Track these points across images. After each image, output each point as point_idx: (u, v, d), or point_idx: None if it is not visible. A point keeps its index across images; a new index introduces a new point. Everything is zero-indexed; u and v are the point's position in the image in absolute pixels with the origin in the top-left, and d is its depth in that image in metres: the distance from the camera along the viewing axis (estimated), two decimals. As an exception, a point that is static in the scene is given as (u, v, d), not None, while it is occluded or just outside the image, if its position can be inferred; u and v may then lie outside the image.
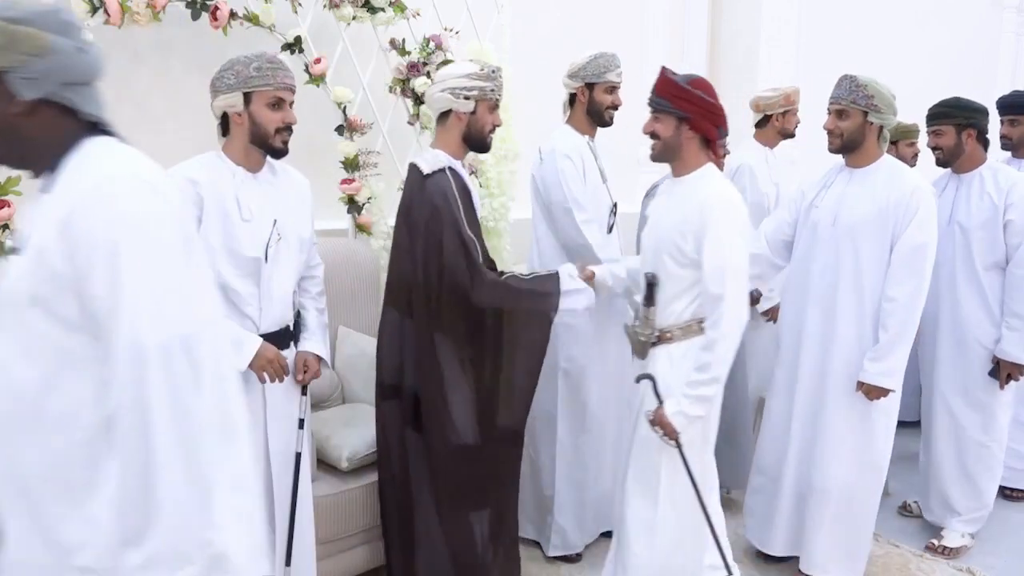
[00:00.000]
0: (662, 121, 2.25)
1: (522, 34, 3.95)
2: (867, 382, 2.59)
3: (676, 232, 2.22)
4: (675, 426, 2.19)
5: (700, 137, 2.25)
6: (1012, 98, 3.56)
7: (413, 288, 2.35)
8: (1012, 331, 3.00)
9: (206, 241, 2.00)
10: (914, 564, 3.08)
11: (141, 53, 3.05)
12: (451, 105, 2.36)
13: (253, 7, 3.01)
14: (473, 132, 2.41)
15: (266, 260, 2.09)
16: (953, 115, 3.05)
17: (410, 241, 2.36)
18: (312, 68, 3.18)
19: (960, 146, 3.08)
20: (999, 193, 3.02)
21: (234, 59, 2.08)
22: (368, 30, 3.38)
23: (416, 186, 2.36)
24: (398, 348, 2.41)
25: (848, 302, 2.63)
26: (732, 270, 2.16)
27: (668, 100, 2.22)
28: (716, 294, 2.16)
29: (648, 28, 4.96)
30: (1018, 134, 3.54)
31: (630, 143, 3.72)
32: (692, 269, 2.21)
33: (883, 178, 2.60)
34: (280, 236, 2.13)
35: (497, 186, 3.62)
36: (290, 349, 2.22)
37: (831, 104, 2.65)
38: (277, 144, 2.12)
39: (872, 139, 2.62)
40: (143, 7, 2.70)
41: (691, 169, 2.28)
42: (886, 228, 2.57)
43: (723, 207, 2.17)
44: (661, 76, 2.26)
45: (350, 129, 3.31)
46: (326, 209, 3.51)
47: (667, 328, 2.29)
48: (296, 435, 2.19)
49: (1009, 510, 3.55)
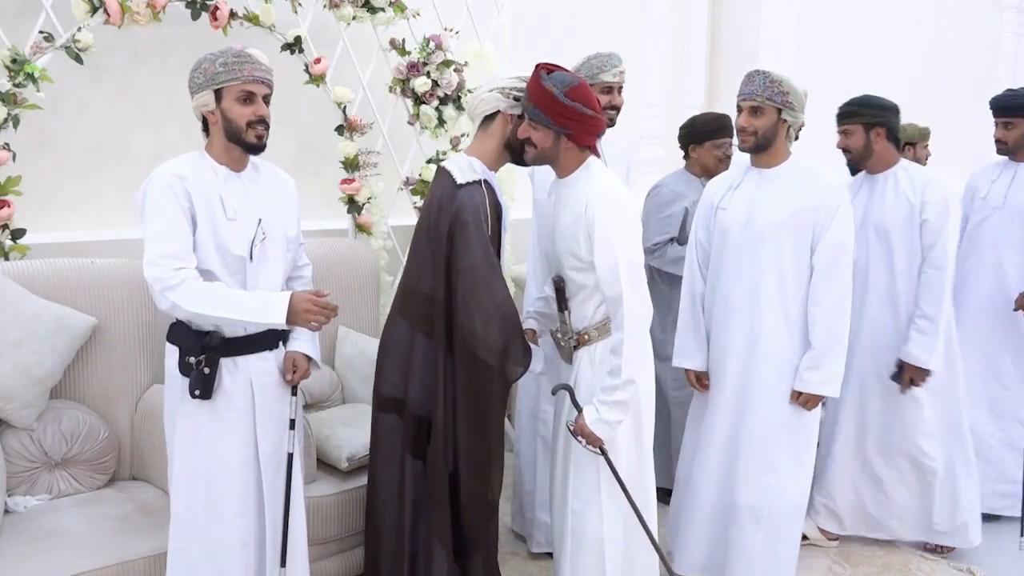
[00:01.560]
0: (539, 131, 2.13)
1: (522, 34, 3.95)
2: (805, 391, 2.49)
3: (569, 238, 2.15)
4: (598, 435, 2.12)
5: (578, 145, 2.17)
6: (1005, 99, 3.38)
7: (434, 305, 2.22)
8: (920, 333, 2.86)
9: (197, 237, 1.99)
10: (914, 564, 3.08)
11: (141, 53, 3.05)
12: (500, 105, 2.23)
13: (253, 7, 3.01)
14: (517, 138, 2.24)
15: (251, 259, 2.07)
16: (861, 114, 2.92)
17: (432, 254, 2.22)
18: (312, 68, 3.18)
19: (869, 146, 2.94)
20: (914, 192, 2.90)
21: (201, 58, 2.04)
22: (368, 30, 3.38)
23: (447, 195, 2.20)
24: (405, 363, 2.29)
25: (772, 310, 2.52)
26: (625, 265, 2.07)
27: (548, 116, 2.09)
28: (614, 295, 2.09)
29: (648, 28, 4.96)
30: (1014, 137, 3.35)
31: (630, 143, 3.72)
32: (591, 271, 2.13)
33: (798, 179, 2.51)
34: (265, 235, 2.10)
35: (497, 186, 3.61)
36: (279, 349, 2.20)
37: (744, 100, 2.50)
38: (251, 139, 2.04)
39: (782, 138, 2.52)
40: (143, 7, 2.70)
41: (570, 170, 2.19)
42: (806, 230, 2.47)
43: (604, 203, 2.08)
44: (536, 82, 2.10)
45: (350, 129, 3.31)
46: (326, 209, 3.51)
47: (583, 330, 2.23)
48: (287, 435, 2.18)
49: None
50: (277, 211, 2.17)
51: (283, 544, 2.14)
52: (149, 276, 1.93)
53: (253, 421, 2.11)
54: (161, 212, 1.96)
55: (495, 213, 2.22)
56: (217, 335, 2.03)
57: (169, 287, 1.92)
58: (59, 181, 2.94)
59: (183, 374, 2.03)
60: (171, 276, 1.93)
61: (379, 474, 2.37)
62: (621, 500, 2.20)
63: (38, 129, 2.81)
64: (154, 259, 1.94)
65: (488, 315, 2.13)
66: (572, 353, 2.28)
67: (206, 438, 2.06)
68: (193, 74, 2.04)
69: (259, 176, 2.17)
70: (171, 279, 1.93)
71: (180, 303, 1.93)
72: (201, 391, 2.01)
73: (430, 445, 2.26)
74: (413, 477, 2.29)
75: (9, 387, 2.35)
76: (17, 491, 2.40)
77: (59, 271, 2.57)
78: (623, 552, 2.27)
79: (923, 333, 2.86)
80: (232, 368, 2.08)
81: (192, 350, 2.02)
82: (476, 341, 2.14)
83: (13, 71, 2.55)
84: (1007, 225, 3.34)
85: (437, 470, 2.24)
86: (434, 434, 2.24)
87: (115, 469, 2.61)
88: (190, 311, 1.94)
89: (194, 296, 1.94)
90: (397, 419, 2.31)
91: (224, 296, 1.98)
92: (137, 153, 3.08)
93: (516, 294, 3.77)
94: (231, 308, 1.97)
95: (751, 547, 2.59)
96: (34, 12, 2.65)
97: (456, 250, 2.16)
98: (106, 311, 2.60)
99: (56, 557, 2.13)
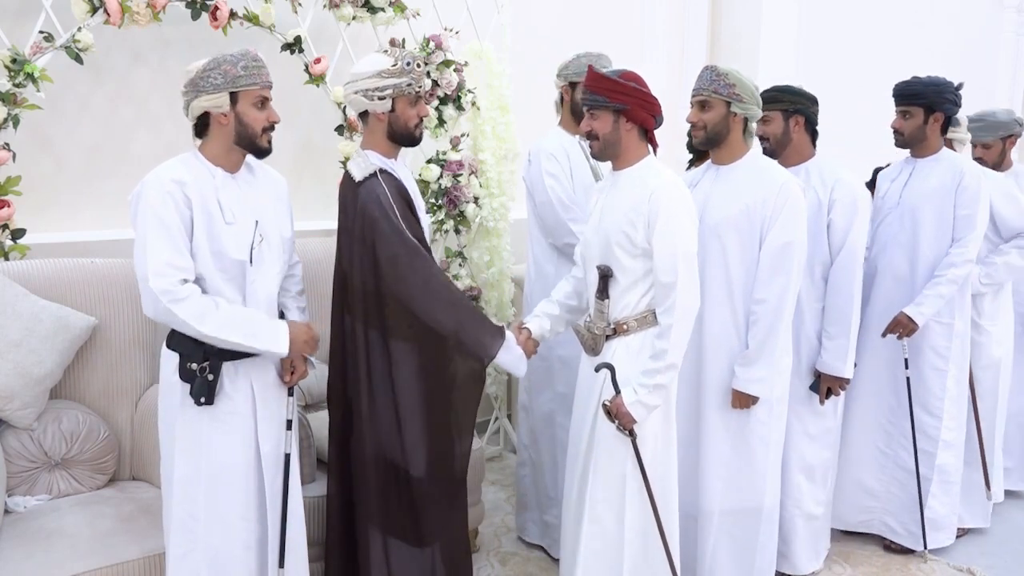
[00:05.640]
0: (599, 118, 2.22)
1: (522, 34, 3.95)
2: (737, 389, 2.47)
3: (626, 222, 2.19)
4: (634, 416, 2.15)
5: (639, 128, 2.23)
6: (904, 86, 3.05)
7: (349, 291, 2.26)
8: (831, 340, 2.75)
9: (194, 244, 1.98)
10: (914, 564, 3.07)
11: (141, 53, 3.05)
12: (366, 107, 2.24)
13: (253, 7, 3.01)
14: (397, 129, 2.27)
15: (251, 263, 2.06)
16: (780, 99, 2.79)
17: (349, 248, 2.26)
18: (312, 68, 3.18)
19: (787, 134, 2.81)
20: (824, 188, 2.76)
21: (219, 58, 2.02)
22: (368, 30, 3.38)
23: (349, 195, 2.25)
24: (341, 349, 2.33)
25: (719, 307, 2.50)
26: (684, 255, 2.15)
27: (603, 95, 2.19)
28: (668, 281, 2.14)
29: (648, 28, 4.97)
30: (910, 128, 3.04)
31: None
32: (644, 259, 2.18)
33: (748, 174, 2.50)
34: (262, 237, 2.09)
35: (497, 186, 3.62)
36: None
37: (693, 96, 2.51)
38: (264, 144, 2.07)
39: (737, 133, 2.50)
40: (143, 7, 2.70)
41: (632, 161, 2.26)
42: (753, 227, 2.45)
43: (672, 195, 2.16)
44: (591, 74, 2.22)
45: (350, 129, 3.31)
46: (326, 209, 3.51)
47: (623, 320, 2.25)
48: (285, 436, 2.18)
49: (1010, 511, 3.54)
50: (272, 212, 2.16)
51: (281, 545, 2.14)
52: (156, 287, 1.90)
53: (255, 424, 2.11)
54: (161, 221, 1.93)
55: (401, 197, 2.23)
56: None
57: (176, 300, 1.91)
58: (59, 181, 2.94)
59: (184, 380, 2.02)
60: (178, 289, 1.92)
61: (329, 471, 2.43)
62: (645, 503, 2.20)
63: (38, 129, 2.81)
64: (159, 269, 1.91)
65: (425, 296, 2.18)
66: (603, 343, 2.28)
67: (208, 443, 2.05)
68: (209, 74, 2.00)
69: (253, 177, 2.16)
70: (179, 292, 1.92)
71: (186, 318, 1.92)
72: (206, 398, 2.01)
73: (353, 430, 2.30)
74: (338, 460, 2.36)
75: (9, 387, 2.35)
76: (17, 491, 2.40)
77: (59, 271, 2.57)
78: (642, 552, 2.24)
79: (834, 339, 2.75)
80: (233, 372, 2.07)
81: (194, 356, 2.01)
82: (427, 320, 2.19)
83: (13, 71, 2.55)
84: (896, 226, 3.07)
85: (363, 452, 2.27)
86: (356, 418, 2.28)
87: (115, 469, 2.60)
88: (197, 330, 1.94)
89: (199, 312, 1.94)
90: (339, 409, 2.36)
91: (228, 318, 1.98)
92: (137, 153, 3.08)
93: (516, 294, 3.78)
94: (235, 331, 1.98)
95: (720, 554, 2.56)
96: (34, 12, 2.65)
97: (375, 245, 2.18)
98: (106, 311, 2.60)
99: (56, 557, 2.13)
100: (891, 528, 3.15)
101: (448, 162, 3.52)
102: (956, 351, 3.06)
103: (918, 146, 3.07)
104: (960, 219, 2.96)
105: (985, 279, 3.21)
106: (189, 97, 2.04)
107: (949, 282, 2.93)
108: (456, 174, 3.51)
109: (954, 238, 2.97)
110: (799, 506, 2.85)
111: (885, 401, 3.09)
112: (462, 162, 3.52)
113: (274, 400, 2.16)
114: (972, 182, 2.95)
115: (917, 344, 3.03)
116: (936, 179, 3.00)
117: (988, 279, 3.21)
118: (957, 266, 2.93)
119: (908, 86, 3.03)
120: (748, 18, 5.09)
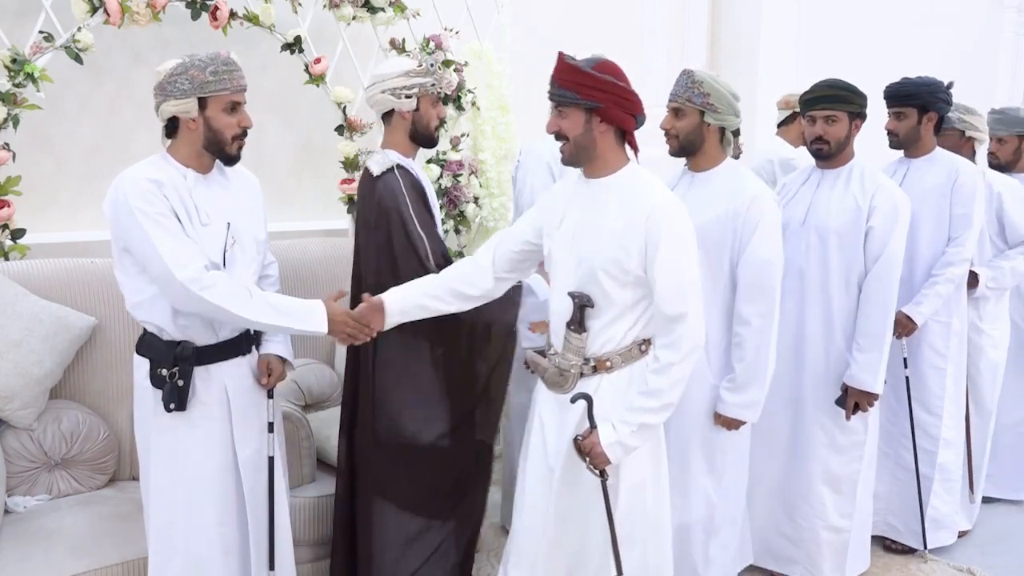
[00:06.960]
0: (568, 117, 1.89)
1: (522, 34, 3.95)
2: (725, 415, 2.34)
3: (615, 246, 1.88)
4: (609, 457, 1.87)
5: (615, 130, 1.92)
6: (897, 87, 2.99)
7: (364, 285, 2.31)
8: (862, 353, 2.61)
9: None
10: (914, 564, 3.07)
11: (141, 53, 3.05)
12: (393, 105, 2.33)
13: (253, 7, 3.01)
14: (419, 129, 2.38)
15: (224, 265, 2.01)
16: (848, 100, 2.66)
17: (365, 240, 2.34)
18: (312, 68, 3.18)
19: (849, 137, 2.70)
20: (864, 194, 2.64)
21: (187, 62, 1.95)
22: (368, 30, 3.38)
23: (367, 188, 2.33)
24: (355, 351, 2.36)
25: None
26: (691, 284, 1.88)
27: (573, 90, 1.86)
28: (676, 314, 1.87)
29: (648, 28, 4.96)
30: (904, 129, 2.99)
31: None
32: (635, 288, 1.90)
33: (721, 184, 2.36)
34: (235, 240, 2.05)
35: (497, 186, 3.62)
36: (252, 354, 2.16)
37: (668, 102, 2.39)
38: (233, 151, 2.02)
39: (713, 141, 2.37)
40: (143, 7, 2.70)
41: (611, 169, 1.94)
42: (724, 239, 2.32)
43: (675, 216, 1.87)
44: (559, 63, 1.89)
45: (350, 129, 3.31)
46: (326, 209, 3.51)
47: (604, 356, 1.94)
48: (267, 439, 2.15)
49: (1009, 511, 3.54)
50: (245, 213, 2.11)
51: (270, 548, 2.12)
52: (183, 277, 1.84)
53: (230, 428, 2.07)
54: (158, 218, 1.89)
55: (416, 192, 2.34)
56: (189, 345, 1.98)
57: (206, 286, 1.87)
58: (59, 181, 2.94)
59: (155, 386, 1.99)
60: (204, 276, 1.88)
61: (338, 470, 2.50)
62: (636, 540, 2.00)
63: (38, 129, 2.81)
64: (179, 260, 1.86)
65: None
66: (576, 380, 1.97)
67: (183, 450, 2.02)
68: (177, 79, 1.92)
69: (225, 179, 2.10)
70: (205, 279, 1.88)
71: (219, 303, 1.88)
72: (176, 404, 1.97)
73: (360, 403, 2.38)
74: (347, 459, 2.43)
75: (9, 387, 2.35)
76: (17, 491, 2.40)
77: (59, 271, 2.57)
78: None
79: (865, 352, 2.62)
80: (205, 376, 2.03)
81: (163, 362, 1.97)
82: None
83: (13, 71, 2.55)
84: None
85: (365, 419, 2.34)
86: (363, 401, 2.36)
87: (115, 469, 2.61)
88: (234, 314, 1.90)
89: (231, 296, 1.90)
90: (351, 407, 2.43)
91: (264, 300, 1.96)
92: (137, 153, 3.04)
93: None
94: (273, 313, 1.96)
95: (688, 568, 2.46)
96: (34, 12, 2.65)
97: (389, 236, 2.28)
98: (106, 311, 2.60)
99: (56, 557, 2.13)
100: (893, 527, 3.15)
101: (448, 162, 3.52)
102: (954, 350, 3.06)
103: (913, 147, 3.05)
104: (956, 217, 2.95)
105: (992, 283, 3.20)
106: (158, 100, 1.97)
107: (947, 281, 2.92)
108: (456, 174, 3.52)
109: (951, 237, 2.96)
110: (822, 518, 2.77)
111: (885, 400, 3.08)
112: (462, 162, 3.52)
113: (251, 404, 2.12)
114: (967, 180, 2.94)
115: (916, 343, 3.03)
116: (932, 179, 2.99)
117: (995, 283, 3.21)
118: (954, 265, 2.93)
119: (901, 87, 2.99)
120: (748, 18, 5.09)
